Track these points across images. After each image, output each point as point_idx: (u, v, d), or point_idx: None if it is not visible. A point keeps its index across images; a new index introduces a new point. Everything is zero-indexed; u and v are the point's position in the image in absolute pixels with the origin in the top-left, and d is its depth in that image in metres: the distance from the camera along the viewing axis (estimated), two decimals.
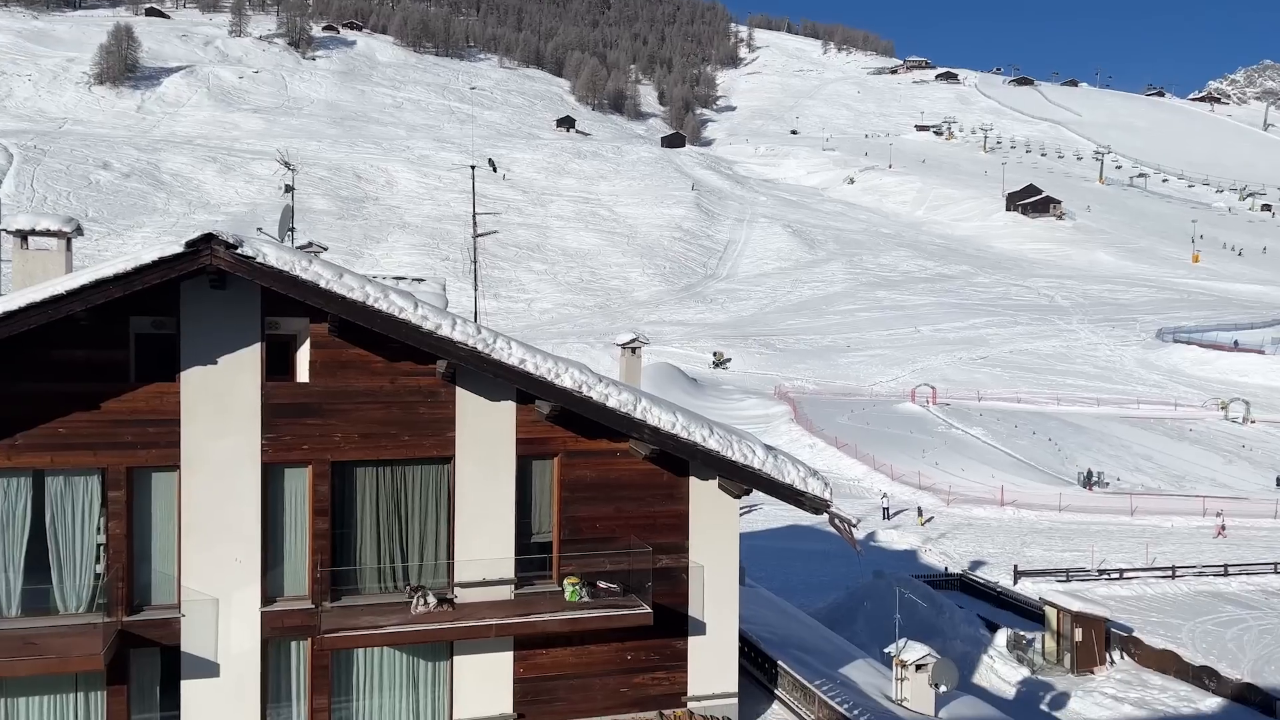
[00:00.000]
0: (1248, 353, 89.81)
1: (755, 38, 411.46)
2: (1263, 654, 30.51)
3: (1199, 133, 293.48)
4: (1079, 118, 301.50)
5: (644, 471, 14.59)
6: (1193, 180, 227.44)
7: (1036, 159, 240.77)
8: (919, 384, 79.38)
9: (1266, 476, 61.46)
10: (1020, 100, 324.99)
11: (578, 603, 13.74)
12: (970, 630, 29.50)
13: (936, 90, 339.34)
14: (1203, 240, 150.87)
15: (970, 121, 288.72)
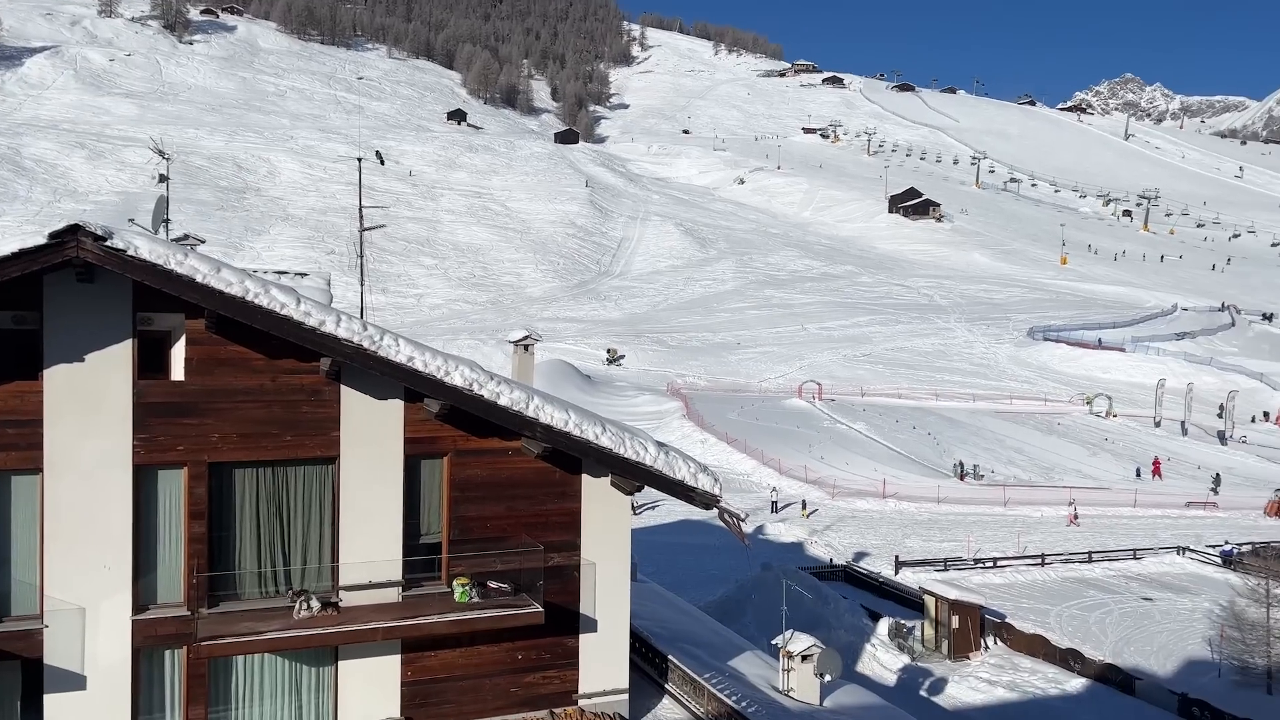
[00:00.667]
0: (1110, 351, 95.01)
1: (648, 37, 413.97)
2: (1123, 636, 32.37)
3: (1067, 141, 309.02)
4: (957, 124, 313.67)
5: (536, 470, 14.51)
6: (1060, 186, 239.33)
7: (917, 163, 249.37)
8: (806, 380, 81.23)
9: (1127, 468, 65.18)
10: (902, 106, 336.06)
11: (468, 603, 13.58)
12: (854, 620, 30.39)
13: (823, 94, 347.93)
14: (1069, 244, 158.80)
15: (855, 125, 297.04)
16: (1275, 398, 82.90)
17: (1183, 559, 43.10)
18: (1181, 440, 73.22)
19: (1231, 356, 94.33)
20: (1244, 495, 58.58)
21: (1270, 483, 61.15)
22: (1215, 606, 30.26)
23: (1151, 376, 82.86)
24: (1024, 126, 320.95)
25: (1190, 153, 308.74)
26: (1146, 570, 41.40)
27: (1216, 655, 28.67)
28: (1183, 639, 31.67)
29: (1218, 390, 79.79)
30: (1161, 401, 76.74)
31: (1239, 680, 27.28)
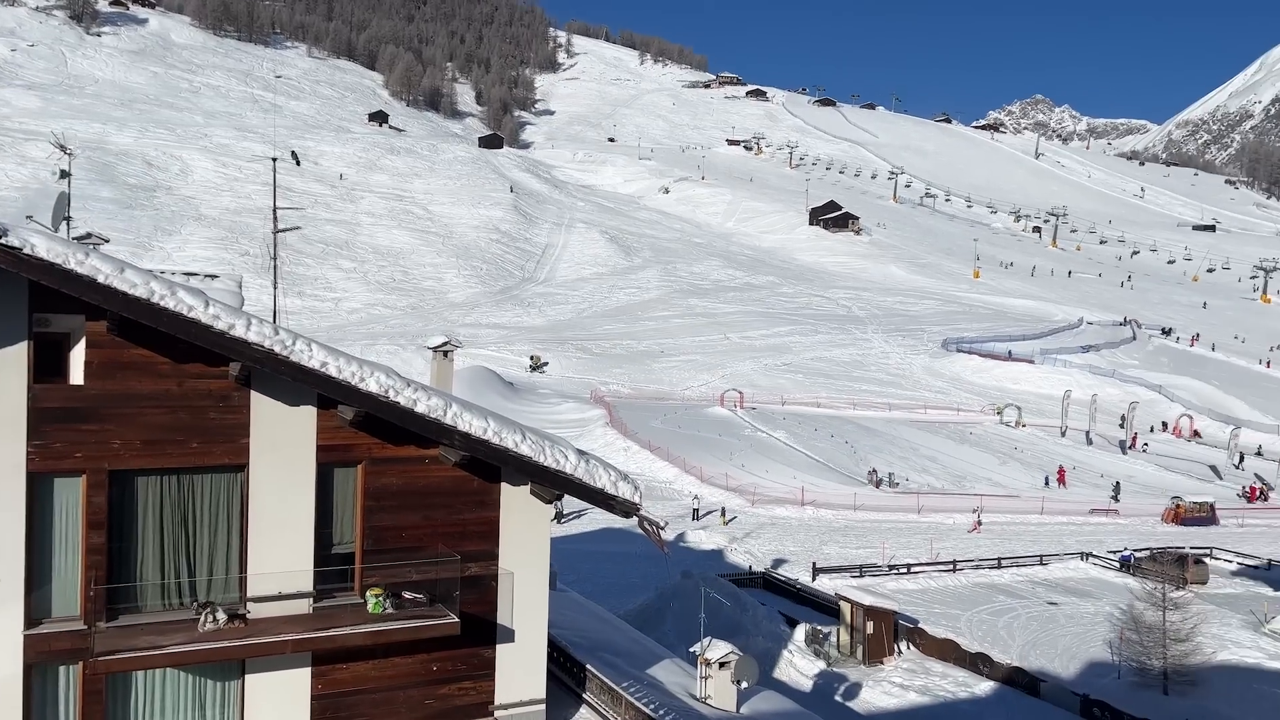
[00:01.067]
0: (1020, 362, 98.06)
1: (574, 44, 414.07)
2: (1029, 639, 33.36)
3: (981, 158, 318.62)
4: (876, 139, 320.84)
5: (454, 478, 14.31)
6: (974, 202, 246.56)
7: (837, 177, 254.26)
8: (728, 389, 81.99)
9: (1035, 476, 67.33)
10: (824, 120, 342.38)
11: (381, 614, 13.31)
12: (772, 626, 30.69)
13: (747, 106, 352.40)
14: (982, 259, 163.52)
15: (778, 138, 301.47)
16: (1173, 409, 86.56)
17: (1086, 564, 44.65)
18: (1086, 449, 75.96)
19: (1133, 369, 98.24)
20: (1143, 503, 61.08)
21: (1168, 490, 63.90)
22: (1115, 610, 31.36)
23: (1058, 388, 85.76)
24: (940, 143, 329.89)
25: (1096, 172, 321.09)
26: (1052, 575, 42.76)
27: (1116, 657, 29.73)
28: (1085, 642, 32.77)
29: (1120, 401, 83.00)
30: (1067, 412, 79.51)
31: (1137, 681, 28.33)
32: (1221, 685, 28.55)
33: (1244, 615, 36.15)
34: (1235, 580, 43.27)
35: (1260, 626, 34.87)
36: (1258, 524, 58.31)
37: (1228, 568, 45.48)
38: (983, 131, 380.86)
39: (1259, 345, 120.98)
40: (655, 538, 16.02)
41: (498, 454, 13.88)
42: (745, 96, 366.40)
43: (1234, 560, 46.70)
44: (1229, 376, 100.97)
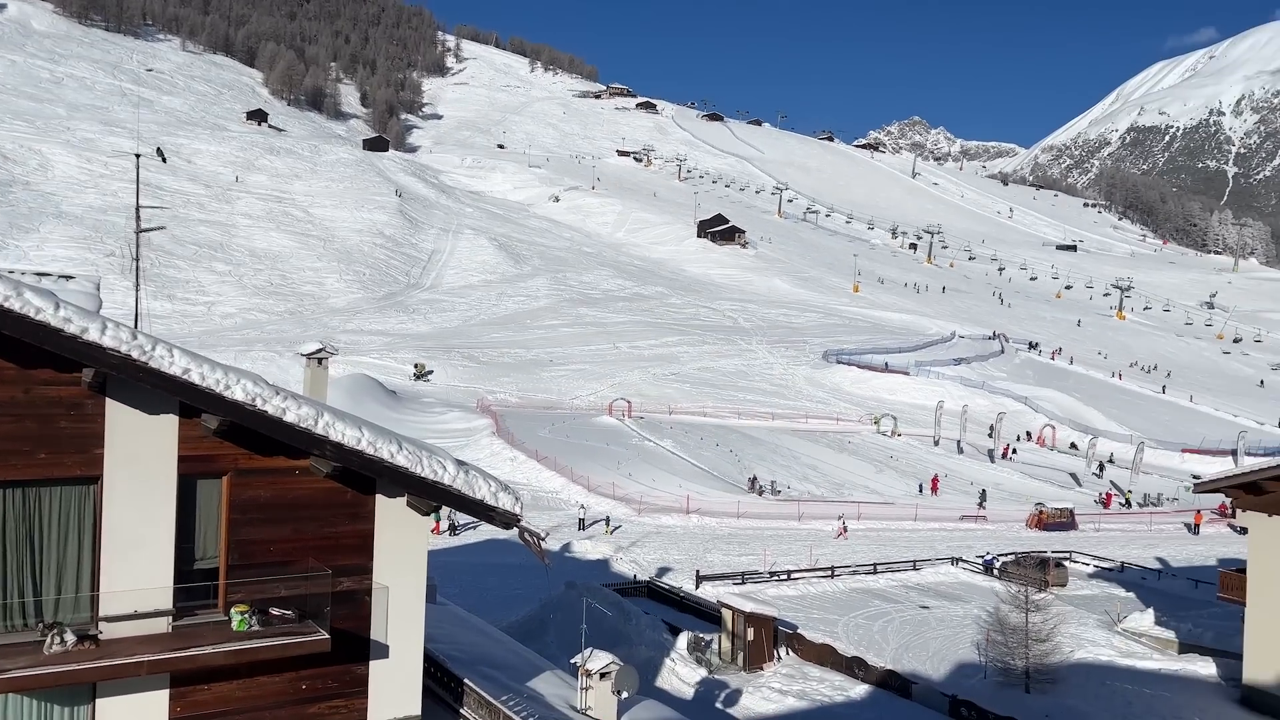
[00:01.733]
0: (896, 374, 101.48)
1: (463, 49, 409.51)
2: (903, 643, 34.42)
3: (860, 176, 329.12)
4: (762, 155, 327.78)
5: (326, 490, 13.85)
6: (854, 218, 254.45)
7: (725, 190, 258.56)
8: (616, 398, 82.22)
9: (910, 484, 69.71)
10: (711, 134, 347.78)
11: (246, 632, 12.75)
12: (655, 635, 30.81)
13: (637, 118, 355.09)
14: (861, 273, 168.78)
15: (667, 150, 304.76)
16: (1037, 419, 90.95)
17: (955, 569, 46.41)
18: (957, 458, 79.07)
19: (1001, 381, 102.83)
20: (1009, 509, 63.92)
21: (1032, 497, 67.04)
22: (983, 612, 32.64)
23: (931, 398, 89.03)
24: (823, 160, 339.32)
25: (968, 193, 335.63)
26: (924, 580, 44.27)
27: (983, 658, 30.94)
28: (954, 643, 34.01)
29: (989, 412, 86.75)
30: (940, 422, 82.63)
31: (1001, 681, 29.53)
32: (1078, 682, 30.03)
33: (1099, 615, 38.15)
34: (1092, 582, 45.65)
35: (1113, 625, 36.87)
36: (1112, 528, 61.72)
37: (1085, 570, 47.96)
38: (863, 150, 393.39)
39: (1116, 359, 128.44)
40: (536, 549, 15.86)
41: (372, 465, 13.51)
42: (635, 108, 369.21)
43: (1091, 563, 49.29)
44: (1088, 389, 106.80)
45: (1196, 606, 38.93)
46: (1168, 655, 33.75)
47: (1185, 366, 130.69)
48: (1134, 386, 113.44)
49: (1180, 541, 58.28)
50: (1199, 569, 46.60)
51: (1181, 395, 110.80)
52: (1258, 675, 28.66)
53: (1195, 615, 36.98)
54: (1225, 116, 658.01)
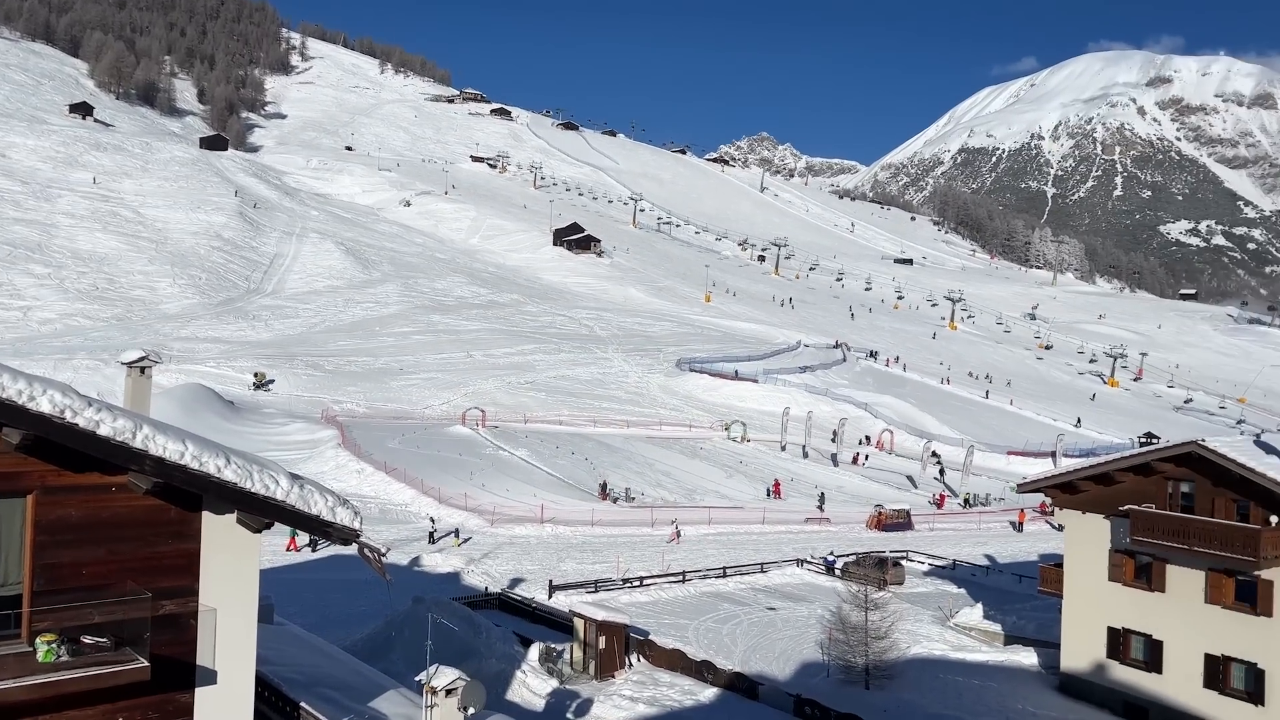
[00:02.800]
0: (745, 381, 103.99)
1: (309, 47, 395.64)
2: (751, 644, 35.17)
3: (712, 188, 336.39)
4: (617, 165, 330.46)
5: (146, 508, 12.97)
6: (706, 230, 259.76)
7: (580, 199, 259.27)
8: (470, 407, 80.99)
9: (758, 488, 71.48)
10: (566, 143, 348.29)
11: (53, 663, 11.77)
12: (506, 648, 30.38)
13: (491, 124, 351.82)
14: (713, 284, 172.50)
15: (522, 158, 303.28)
16: (876, 424, 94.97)
17: (800, 570, 47.82)
18: (803, 462, 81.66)
19: (843, 388, 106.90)
20: (851, 511, 66.42)
21: (872, 499, 69.90)
22: (826, 612, 33.71)
23: (778, 405, 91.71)
24: (675, 172, 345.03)
25: (813, 207, 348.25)
26: (772, 582, 45.42)
27: (826, 657, 31.96)
28: (799, 644, 35.00)
29: (832, 418, 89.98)
30: (786, 428, 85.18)
31: (843, 679, 30.57)
32: (914, 676, 31.43)
33: (933, 611, 40.06)
34: (927, 579, 47.92)
35: (946, 621, 38.80)
36: (945, 528, 65.01)
37: (920, 568, 50.29)
38: (714, 164, 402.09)
39: (950, 368, 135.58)
40: (377, 565, 15.33)
41: (197, 480, 12.74)
42: (490, 114, 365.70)
43: (926, 561, 51.75)
44: (922, 395, 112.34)
45: (1021, 600, 41.43)
46: (995, 647, 35.76)
47: (1011, 374, 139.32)
48: (963, 392, 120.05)
49: (1006, 539, 61.94)
50: (1023, 564, 49.63)
51: (1007, 400, 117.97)
52: (1073, 663, 30.73)
53: (1019, 608, 39.35)
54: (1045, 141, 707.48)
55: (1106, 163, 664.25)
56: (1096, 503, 29.89)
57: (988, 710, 28.67)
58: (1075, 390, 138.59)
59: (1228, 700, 26.40)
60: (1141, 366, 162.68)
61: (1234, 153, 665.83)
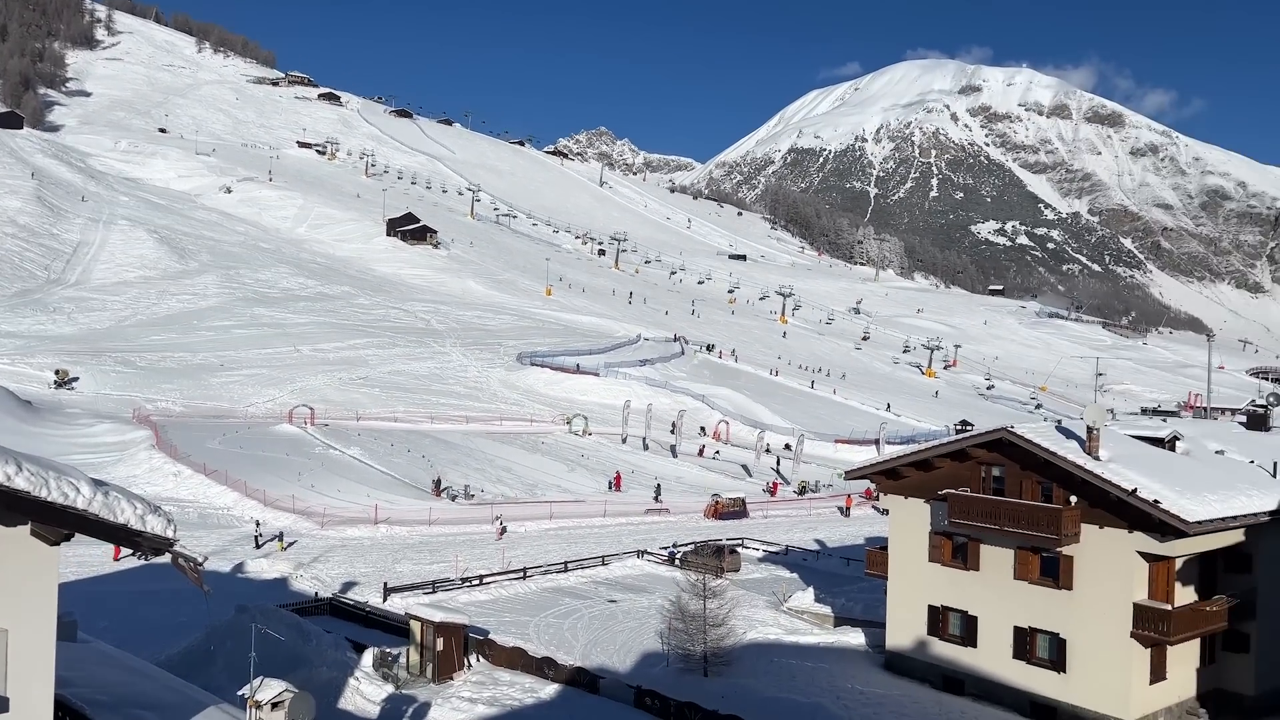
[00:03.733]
0: (587, 375, 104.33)
1: (116, 21, 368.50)
2: (592, 638, 35.20)
3: (551, 181, 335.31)
4: (453, 154, 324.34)
5: None
6: (546, 223, 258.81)
7: (415, 189, 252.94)
8: (297, 405, 77.68)
9: (600, 481, 71.81)
10: (400, 131, 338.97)
11: None
12: (338, 655, 29.21)
13: (319, 109, 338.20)
14: (553, 277, 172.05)
15: (353, 145, 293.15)
16: (713, 416, 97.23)
17: (641, 561, 48.30)
18: (643, 454, 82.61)
19: (681, 381, 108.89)
20: (689, 500, 67.70)
21: (709, 489, 71.49)
22: (665, 602, 34.12)
23: (619, 398, 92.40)
24: (514, 164, 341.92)
25: (651, 203, 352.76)
26: (613, 574, 45.66)
27: (665, 647, 32.35)
28: (640, 635, 35.30)
29: (671, 410, 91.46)
30: (627, 420, 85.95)
31: (682, 667, 31.02)
32: (750, 662, 32.26)
33: (768, 596, 41.27)
34: (761, 566, 49.35)
35: (780, 605, 40.05)
36: (778, 514, 67.22)
37: (755, 555, 51.75)
38: (553, 157, 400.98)
39: (781, 360, 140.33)
40: (193, 576, 14.29)
41: None
42: (317, 99, 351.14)
43: (760, 548, 53.30)
44: (755, 386, 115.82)
45: (849, 582, 43.27)
46: (826, 629, 37.18)
47: (837, 365, 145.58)
48: (792, 383, 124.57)
49: (835, 524, 64.63)
50: (851, 548, 51.89)
51: (833, 391, 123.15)
52: (897, 641, 32.31)
53: (848, 590, 41.09)
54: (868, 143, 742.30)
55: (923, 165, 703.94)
56: (917, 488, 31.49)
57: (819, 691, 29.74)
58: (896, 381, 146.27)
59: (1034, 669, 28.39)
60: (956, 358, 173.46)
61: (1035, 158, 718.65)
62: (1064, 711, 27.66)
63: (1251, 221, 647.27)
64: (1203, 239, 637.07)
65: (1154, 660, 27.31)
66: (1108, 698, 26.94)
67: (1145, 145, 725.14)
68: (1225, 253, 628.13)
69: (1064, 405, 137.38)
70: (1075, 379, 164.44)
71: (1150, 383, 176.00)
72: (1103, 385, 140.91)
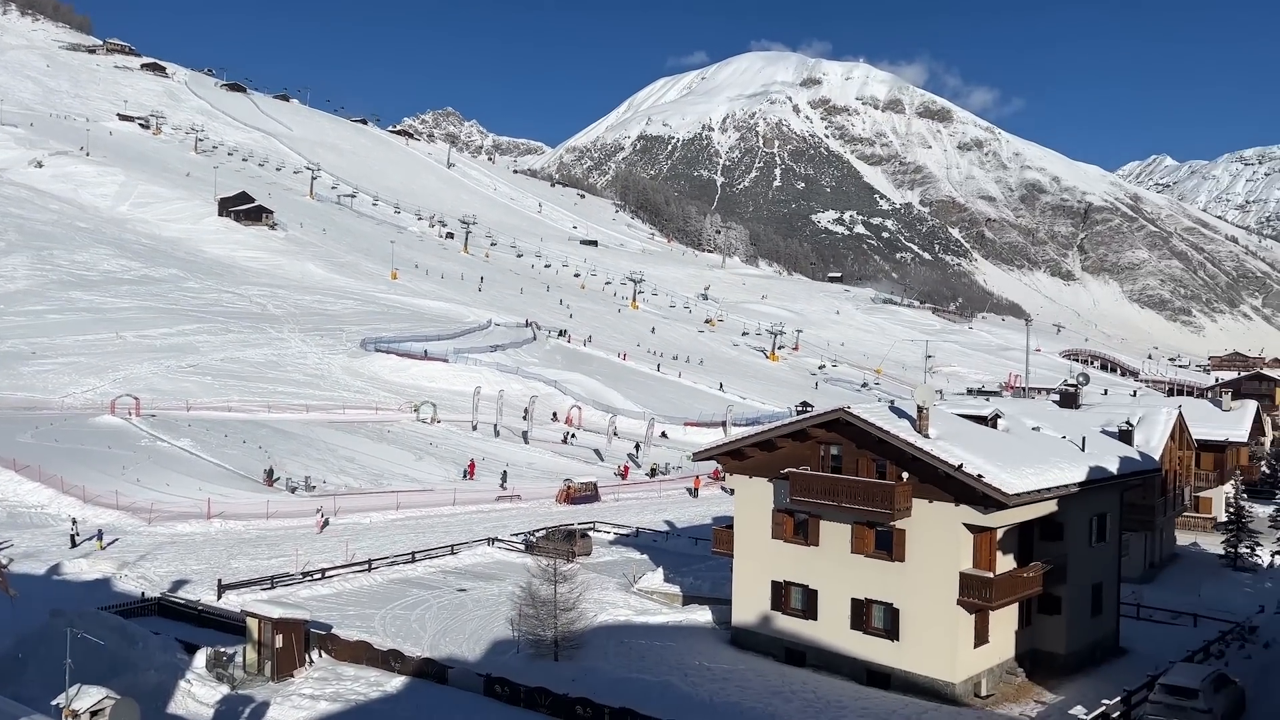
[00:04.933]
0: (435, 361, 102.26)
1: None
2: (440, 628, 34.60)
3: (396, 161, 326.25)
4: (290, 132, 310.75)
5: None
6: (391, 204, 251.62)
7: (250, 167, 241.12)
8: (121, 394, 72.94)
9: (449, 469, 70.60)
10: (232, 105, 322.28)
11: None
12: (167, 657, 27.61)
13: (142, 80, 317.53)
14: (400, 260, 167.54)
15: (180, 119, 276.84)
16: (566, 401, 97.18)
17: (492, 549, 47.85)
18: (495, 441, 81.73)
19: (533, 367, 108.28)
20: (542, 486, 67.51)
21: (562, 474, 71.48)
22: (517, 589, 33.90)
23: (469, 385, 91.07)
24: (356, 143, 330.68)
25: (501, 186, 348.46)
26: (462, 563, 45.04)
27: (516, 633, 32.16)
28: (490, 623, 34.96)
29: (523, 396, 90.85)
30: (478, 407, 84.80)
31: (533, 653, 30.93)
32: (600, 644, 32.46)
33: (619, 579, 41.65)
34: (613, 548, 49.73)
35: (630, 587, 40.48)
36: (629, 497, 67.92)
37: (607, 538, 52.13)
38: (398, 136, 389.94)
39: (628, 344, 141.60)
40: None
41: None
42: (140, 69, 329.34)
43: (611, 531, 53.71)
44: (607, 371, 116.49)
45: (698, 561, 44.17)
46: (674, 608, 37.82)
47: (686, 350, 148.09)
48: (642, 367, 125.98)
49: (684, 505, 65.84)
50: (699, 528, 52.98)
51: (687, 375, 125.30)
52: (743, 617, 33.20)
53: (696, 569, 41.93)
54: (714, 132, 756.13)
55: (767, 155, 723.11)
56: (761, 467, 32.39)
57: (668, 669, 30.23)
58: (742, 365, 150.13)
59: (870, 638, 29.74)
60: (798, 343, 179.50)
61: (871, 151, 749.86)
62: (897, 678, 29.11)
63: (1064, 214, 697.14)
64: (1022, 230, 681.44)
65: (978, 625, 29.07)
66: (936, 662, 28.52)
67: (971, 140, 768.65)
68: (1042, 243, 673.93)
69: (897, 386, 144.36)
70: (908, 361, 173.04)
71: (975, 364, 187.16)
72: (932, 367, 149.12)
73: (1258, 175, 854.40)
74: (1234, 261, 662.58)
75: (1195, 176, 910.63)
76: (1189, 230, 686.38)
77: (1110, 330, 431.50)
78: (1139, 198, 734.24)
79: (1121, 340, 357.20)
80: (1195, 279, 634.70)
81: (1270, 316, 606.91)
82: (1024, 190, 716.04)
